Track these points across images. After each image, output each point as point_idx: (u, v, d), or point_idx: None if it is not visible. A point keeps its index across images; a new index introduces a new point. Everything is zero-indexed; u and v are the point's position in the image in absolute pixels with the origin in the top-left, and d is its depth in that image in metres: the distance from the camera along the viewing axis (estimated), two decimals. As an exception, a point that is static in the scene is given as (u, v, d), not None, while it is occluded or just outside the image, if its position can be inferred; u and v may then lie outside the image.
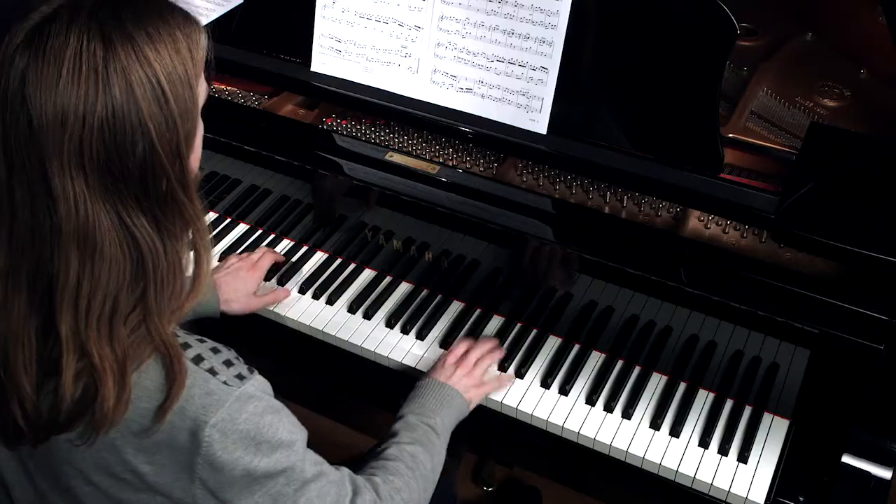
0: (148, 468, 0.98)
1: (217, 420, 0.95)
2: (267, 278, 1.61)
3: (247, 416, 0.96)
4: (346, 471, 1.12)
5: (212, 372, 0.97)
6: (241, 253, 1.65)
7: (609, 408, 1.41)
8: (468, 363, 1.41)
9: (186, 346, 0.99)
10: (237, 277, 1.55)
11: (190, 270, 1.00)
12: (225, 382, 0.96)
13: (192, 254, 1.00)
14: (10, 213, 0.92)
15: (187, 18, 0.95)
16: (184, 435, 0.95)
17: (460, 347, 1.44)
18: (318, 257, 1.67)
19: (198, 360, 0.98)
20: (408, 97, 1.52)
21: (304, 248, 1.68)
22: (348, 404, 2.25)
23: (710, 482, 1.31)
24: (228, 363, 0.99)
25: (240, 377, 0.98)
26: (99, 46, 0.87)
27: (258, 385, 1.00)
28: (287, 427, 1.01)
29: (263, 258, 1.60)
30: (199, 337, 1.02)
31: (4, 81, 0.89)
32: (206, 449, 0.95)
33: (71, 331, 0.91)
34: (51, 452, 1.01)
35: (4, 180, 0.91)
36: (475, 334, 1.52)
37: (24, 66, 0.88)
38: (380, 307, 1.57)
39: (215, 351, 1.00)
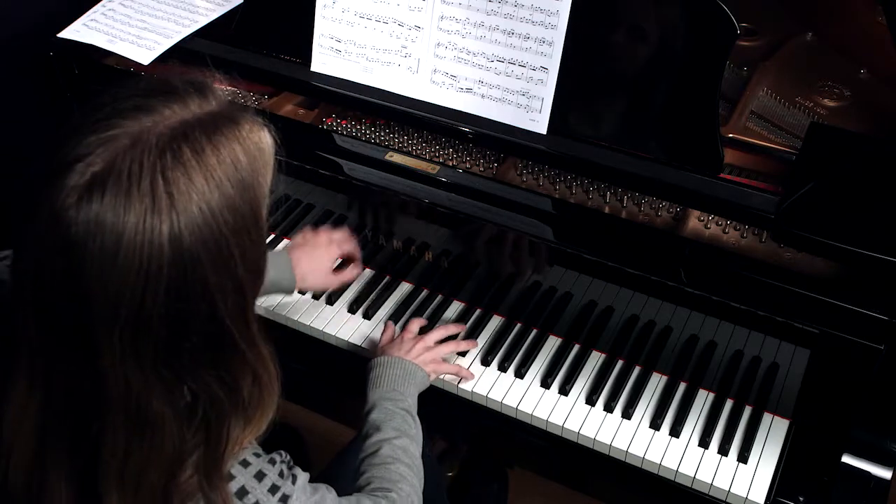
0: None
1: None
2: None
3: None
4: None
5: None
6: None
7: (609, 408, 1.41)
8: (428, 340, 1.43)
9: (231, 477, 0.92)
10: (313, 255, 1.51)
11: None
12: None
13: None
14: (44, 386, 0.82)
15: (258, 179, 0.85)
16: None
17: (414, 324, 1.47)
18: (318, 257, 1.67)
19: (242, 493, 0.93)
20: (408, 97, 1.52)
21: (304, 248, 1.68)
22: (348, 404, 2.25)
23: (709, 482, 1.32)
24: (274, 488, 0.96)
25: (284, 499, 0.96)
26: (164, 193, 0.76)
27: (302, 499, 0.99)
28: None
29: (345, 242, 1.54)
30: (252, 453, 0.95)
31: (55, 238, 0.76)
32: None
33: None
34: None
35: (37, 345, 0.81)
36: (475, 334, 1.52)
37: (90, 217, 0.75)
38: (380, 307, 1.57)
39: (260, 477, 0.95)
